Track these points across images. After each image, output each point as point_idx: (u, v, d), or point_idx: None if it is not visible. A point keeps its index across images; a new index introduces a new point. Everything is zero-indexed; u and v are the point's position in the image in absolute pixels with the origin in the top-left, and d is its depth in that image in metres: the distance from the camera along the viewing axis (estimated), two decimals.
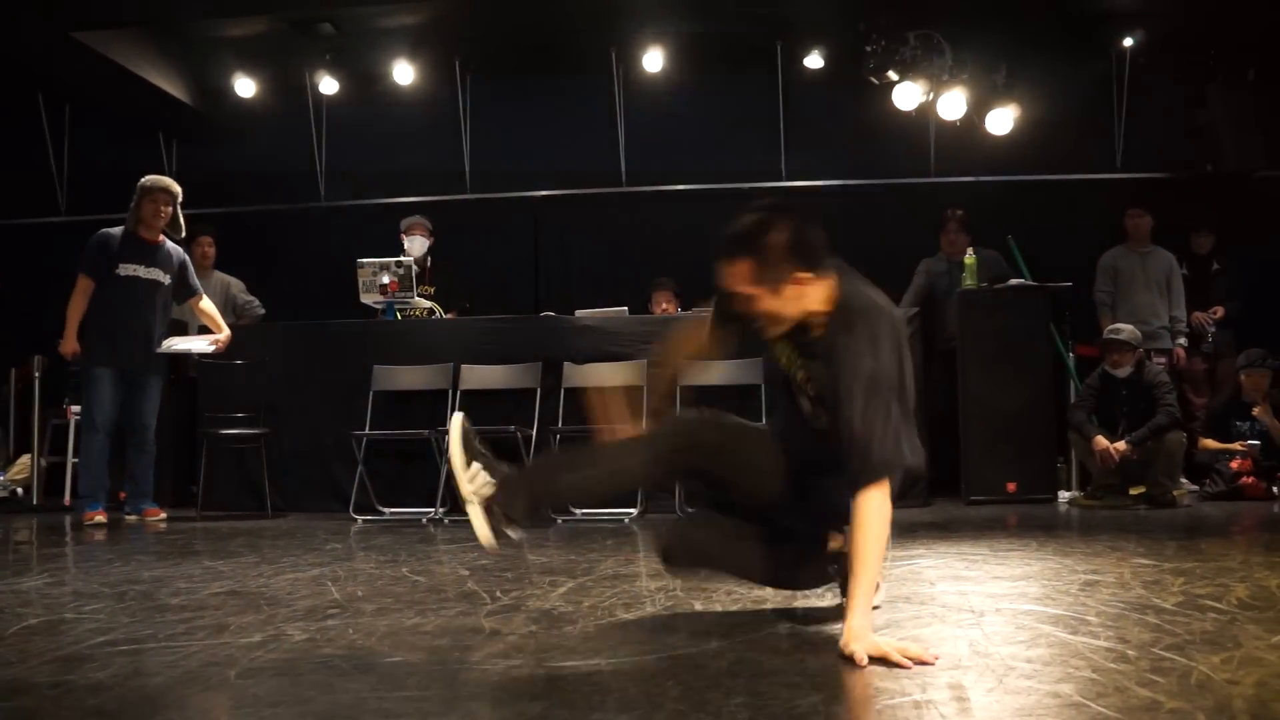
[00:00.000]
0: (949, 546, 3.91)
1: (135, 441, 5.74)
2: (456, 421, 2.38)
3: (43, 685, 1.93)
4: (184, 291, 5.97)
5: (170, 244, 5.88)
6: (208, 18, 7.55)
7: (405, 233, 6.91)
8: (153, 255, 5.77)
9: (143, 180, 5.81)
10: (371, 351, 6.13)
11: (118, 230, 5.77)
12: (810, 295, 2.27)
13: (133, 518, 5.70)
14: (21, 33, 7.07)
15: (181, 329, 6.20)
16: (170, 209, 5.78)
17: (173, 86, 8.02)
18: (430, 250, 6.91)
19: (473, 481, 2.31)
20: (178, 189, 5.83)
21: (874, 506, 2.11)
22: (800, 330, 2.33)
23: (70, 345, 5.66)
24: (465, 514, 2.30)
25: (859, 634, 2.01)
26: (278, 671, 2.00)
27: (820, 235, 2.29)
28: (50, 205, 8.75)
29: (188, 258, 6.03)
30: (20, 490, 7.13)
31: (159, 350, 5.78)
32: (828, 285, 2.28)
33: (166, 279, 5.82)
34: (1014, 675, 1.85)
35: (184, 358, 6.39)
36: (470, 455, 2.34)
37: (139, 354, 5.69)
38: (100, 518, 5.49)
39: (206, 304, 6.08)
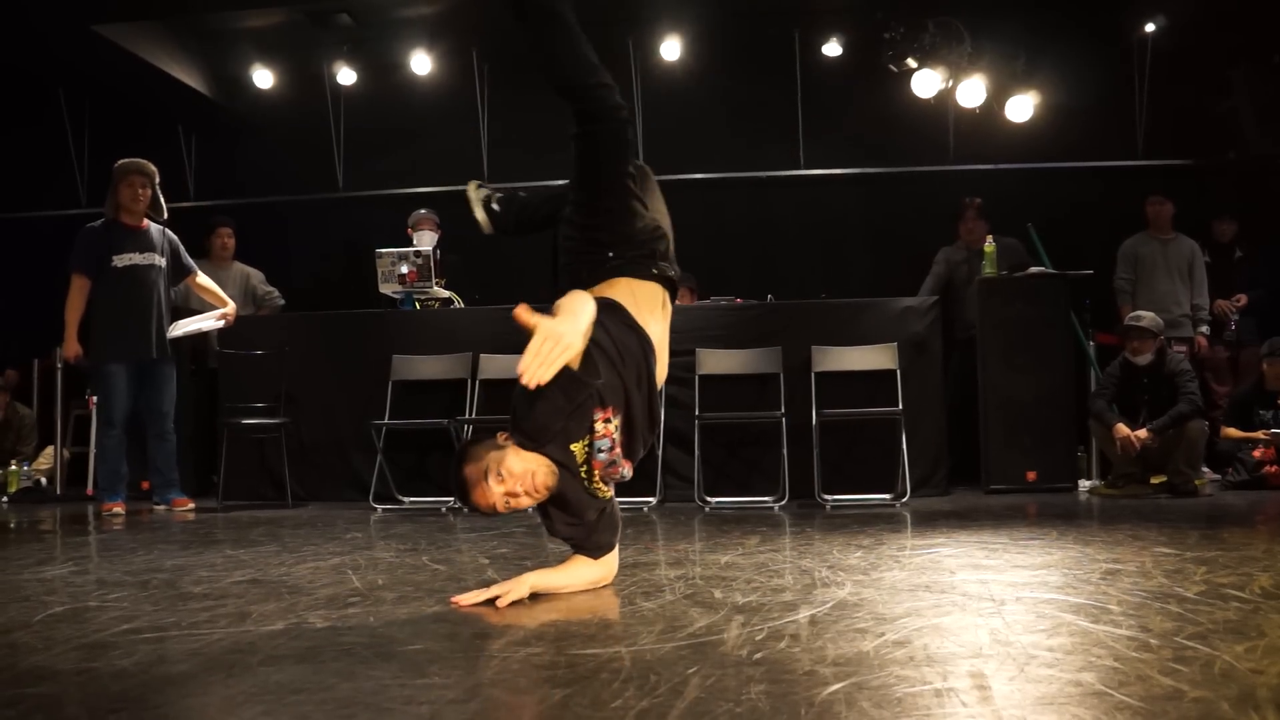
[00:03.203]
0: (969, 535, 3.90)
1: (155, 431, 5.74)
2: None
3: (68, 672, 1.95)
4: (180, 271, 5.91)
5: (155, 226, 5.80)
6: (226, 10, 7.58)
7: (413, 228, 6.88)
8: (143, 240, 5.70)
9: (117, 164, 5.73)
10: (391, 341, 6.15)
11: (99, 223, 5.71)
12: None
13: (161, 508, 5.74)
14: (42, 26, 7.12)
15: (178, 313, 6.09)
16: (149, 190, 5.71)
17: (191, 78, 8.06)
18: (440, 242, 6.89)
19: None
20: (153, 169, 5.75)
21: None
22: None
23: (72, 348, 5.62)
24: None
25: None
26: (300, 659, 2.01)
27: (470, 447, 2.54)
28: (72, 197, 8.81)
29: (175, 237, 5.93)
30: (44, 480, 7.20)
31: (169, 336, 5.73)
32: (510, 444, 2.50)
33: (162, 262, 5.76)
34: (1035, 664, 1.85)
35: (205, 348, 6.41)
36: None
37: (150, 343, 5.64)
38: (118, 508, 5.53)
39: (204, 279, 6.02)
